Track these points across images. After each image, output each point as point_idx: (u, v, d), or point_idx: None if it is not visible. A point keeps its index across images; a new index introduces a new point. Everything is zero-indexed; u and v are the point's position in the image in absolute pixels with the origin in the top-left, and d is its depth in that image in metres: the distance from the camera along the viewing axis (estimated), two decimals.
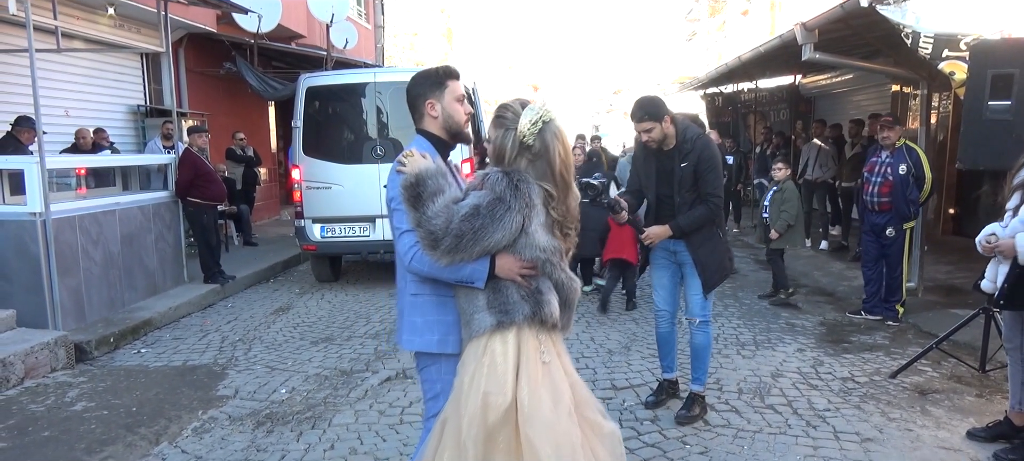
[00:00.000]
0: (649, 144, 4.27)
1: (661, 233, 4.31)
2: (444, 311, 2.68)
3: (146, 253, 7.55)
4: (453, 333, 2.68)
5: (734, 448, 4.12)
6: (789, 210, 7.49)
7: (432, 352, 2.71)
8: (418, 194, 2.48)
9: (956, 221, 10.74)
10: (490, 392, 2.46)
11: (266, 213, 15.09)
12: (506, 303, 2.53)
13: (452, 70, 2.83)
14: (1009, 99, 4.71)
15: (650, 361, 5.64)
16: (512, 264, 2.53)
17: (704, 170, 4.21)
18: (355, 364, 5.67)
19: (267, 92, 13.10)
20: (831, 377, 5.24)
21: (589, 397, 2.72)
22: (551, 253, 2.57)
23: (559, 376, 2.59)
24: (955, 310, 6.76)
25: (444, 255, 2.46)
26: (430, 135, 2.80)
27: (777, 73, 14.09)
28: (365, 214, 8.38)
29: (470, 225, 2.42)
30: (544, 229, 2.55)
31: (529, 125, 2.52)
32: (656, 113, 4.19)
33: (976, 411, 4.57)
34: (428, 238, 2.46)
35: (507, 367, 2.50)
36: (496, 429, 2.46)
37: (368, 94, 8.60)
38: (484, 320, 2.54)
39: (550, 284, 2.60)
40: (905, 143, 6.62)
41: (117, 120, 10.97)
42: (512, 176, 2.49)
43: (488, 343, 2.53)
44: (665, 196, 4.36)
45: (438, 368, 2.73)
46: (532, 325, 2.55)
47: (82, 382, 5.29)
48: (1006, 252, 3.74)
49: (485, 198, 2.46)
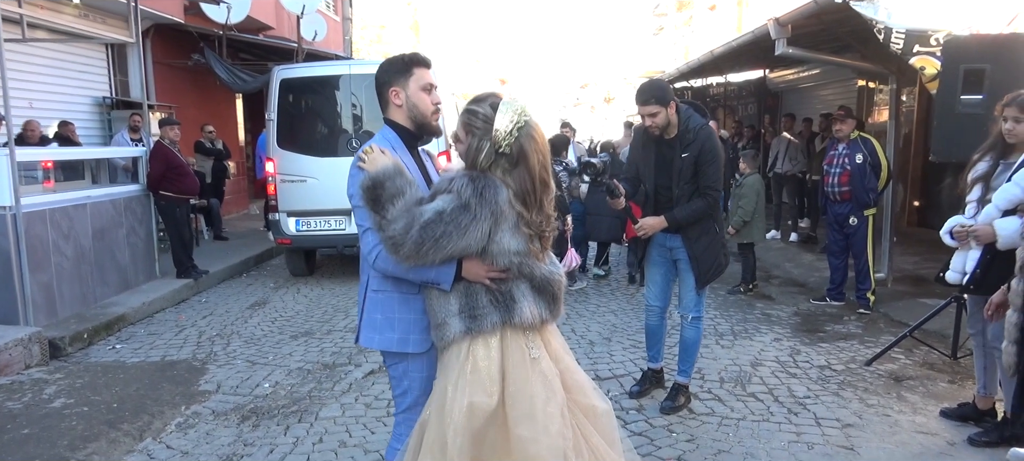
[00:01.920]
0: (652, 130, 4.19)
1: (656, 224, 4.26)
2: (406, 309, 2.60)
3: (118, 248, 7.42)
4: (414, 332, 2.60)
5: (719, 435, 4.19)
6: (745, 206, 7.55)
7: (392, 350, 2.64)
8: (376, 197, 2.37)
9: (920, 213, 11.00)
10: (475, 401, 2.39)
11: (235, 207, 14.88)
12: (475, 308, 2.45)
13: (420, 57, 2.70)
14: (981, 93, 4.83)
15: (631, 352, 5.70)
16: (479, 269, 2.45)
17: (705, 162, 4.15)
18: (337, 358, 5.65)
19: (236, 84, 12.91)
20: (809, 365, 5.35)
21: (582, 381, 2.68)
22: (524, 255, 2.48)
23: (549, 369, 2.52)
24: (923, 300, 6.93)
25: (405, 260, 2.37)
26: (396, 125, 2.68)
27: (746, 68, 14.27)
28: (341, 207, 8.31)
29: (431, 233, 2.32)
30: (514, 232, 2.45)
31: (504, 133, 2.38)
32: (663, 97, 4.13)
33: (949, 397, 4.70)
34: (388, 242, 2.37)
35: (491, 371, 2.44)
36: (482, 431, 2.40)
37: (342, 86, 8.54)
38: (455, 326, 2.46)
39: (526, 286, 2.50)
40: (860, 134, 6.82)
41: (83, 112, 10.72)
42: (477, 182, 2.38)
43: (470, 347, 2.45)
44: (663, 186, 4.30)
45: (405, 366, 2.67)
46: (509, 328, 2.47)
47: (59, 379, 5.18)
48: (983, 237, 3.83)
49: (449, 203, 2.35)
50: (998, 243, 3.71)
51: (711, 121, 5.02)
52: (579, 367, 2.75)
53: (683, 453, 3.97)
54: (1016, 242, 3.66)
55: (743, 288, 7.70)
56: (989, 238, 3.76)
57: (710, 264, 4.33)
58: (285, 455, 4.01)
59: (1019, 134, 3.86)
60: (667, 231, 4.34)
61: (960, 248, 4.04)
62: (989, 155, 4.00)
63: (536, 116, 2.52)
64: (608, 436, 2.68)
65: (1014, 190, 3.67)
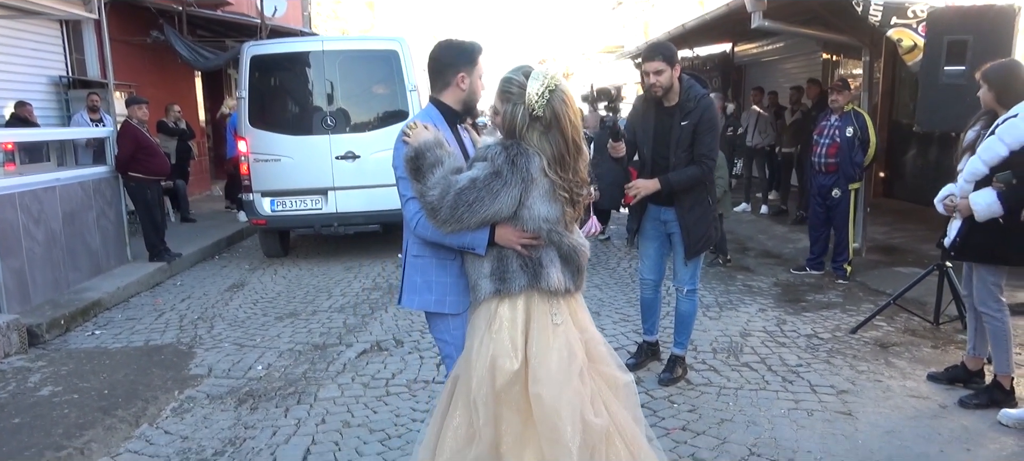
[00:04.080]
0: (654, 89, 4.14)
1: (649, 186, 4.20)
2: (443, 273, 2.76)
3: (88, 231, 7.20)
4: (451, 294, 2.77)
5: (720, 405, 4.25)
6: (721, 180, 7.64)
7: (430, 311, 2.82)
8: (418, 166, 2.54)
9: (886, 184, 11.24)
10: (498, 356, 2.53)
11: (197, 189, 14.55)
12: (505, 272, 2.60)
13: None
14: (963, 65, 4.94)
15: (622, 325, 5.75)
16: (511, 234, 2.58)
17: (703, 131, 4.13)
18: (327, 338, 5.58)
19: (198, 61, 12.63)
20: (796, 334, 5.45)
21: (606, 352, 2.78)
22: (554, 222, 2.61)
23: (573, 336, 2.64)
24: (898, 268, 7.12)
25: (442, 224, 2.53)
26: (443, 105, 2.85)
27: (714, 41, 14.37)
28: (317, 186, 8.20)
29: (466, 198, 2.47)
30: (545, 199, 2.57)
31: (536, 96, 2.50)
32: (670, 56, 4.12)
33: (934, 361, 4.84)
34: (427, 207, 2.54)
35: (516, 331, 2.57)
36: (505, 390, 2.52)
37: (315, 63, 8.38)
38: (486, 287, 2.61)
39: (554, 254, 2.63)
40: (853, 108, 6.90)
41: (38, 92, 10.32)
42: (510, 150, 2.51)
43: (497, 308, 2.59)
44: (660, 155, 4.27)
45: (446, 326, 2.83)
46: (536, 292, 2.60)
47: (42, 366, 5.03)
48: (963, 211, 3.98)
49: (483, 171, 2.50)
50: (975, 216, 3.85)
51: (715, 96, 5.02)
52: (603, 339, 2.81)
53: (687, 423, 4.03)
54: (994, 212, 3.79)
55: (722, 260, 7.79)
56: (967, 211, 3.90)
57: (701, 235, 4.34)
58: (289, 436, 3.96)
59: (984, 100, 3.99)
60: (660, 200, 4.32)
61: (953, 216, 4.15)
62: (979, 123, 4.10)
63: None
64: (630, 407, 2.78)
65: (996, 144, 3.77)
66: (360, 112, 8.42)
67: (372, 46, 9.02)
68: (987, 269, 4.07)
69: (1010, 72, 3.94)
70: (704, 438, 3.84)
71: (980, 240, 3.97)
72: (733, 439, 3.82)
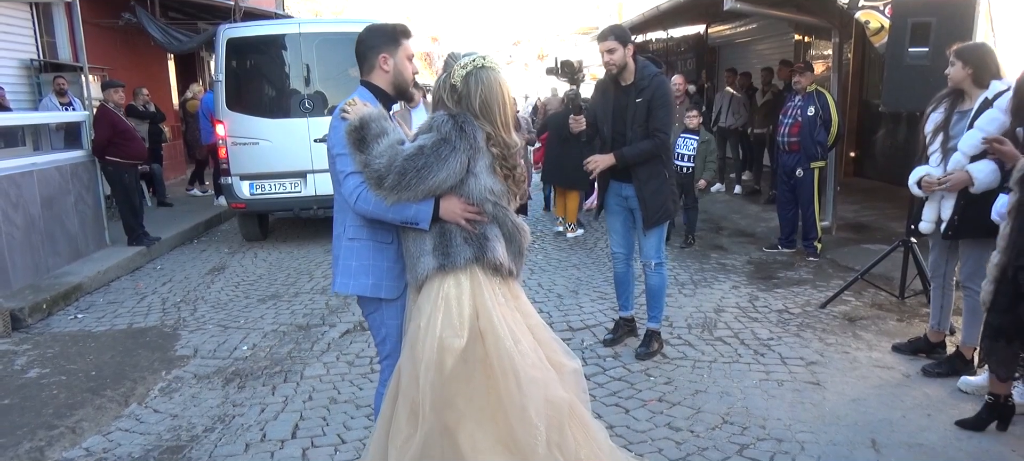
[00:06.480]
0: (609, 67, 4.38)
1: (605, 161, 4.43)
2: (380, 257, 2.75)
3: (66, 216, 7.19)
4: (387, 279, 2.77)
5: (695, 377, 4.41)
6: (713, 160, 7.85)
7: (366, 296, 2.79)
8: (362, 137, 2.53)
9: (856, 163, 11.49)
10: (446, 336, 2.52)
11: (172, 173, 14.44)
12: (449, 247, 2.59)
13: (407, 29, 2.88)
14: (926, 46, 5.09)
15: (599, 303, 5.89)
16: (456, 206, 2.59)
17: (656, 106, 4.34)
18: (310, 319, 5.66)
19: (172, 44, 12.53)
20: (768, 310, 5.63)
21: (550, 339, 2.79)
22: (499, 196, 2.65)
23: (515, 321, 2.65)
24: (866, 245, 7.33)
25: (389, 192, 2.51)
26: (375, 88, 2.84)
27: (687, 23, 14.51)
28: (296, 169, 8.22)
29: (413, 163, 2.49)
30: (489, 171, 2.62)
31: (459, 68, 2.60)
32: (623, 36, 4.37)
33: (900, 333, 5.03)
34: (373, 176, 2.52)
35: (462, 307, 2.56)
36: (455, 370, 2.50)
37: (291, 46, 8.37)
38: (428, 263, 2.60)
39: (498, 231, 2.66)
40: (816, 88, 7.09)
41: (9, 76, 10.23)
42: (458, 118, 2.55)
43: (441, 287, 2.58)
44: (619, 132, 4.48)
45: (380, 313, 2.84)
46: (480, 268, 2.61)
47: (27, 349, 5.06)
48: (957, 183, 3.99)
49: (430, 138, 2.53)
50: (974, 187, 3.91)
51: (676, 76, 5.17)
52: (547, 326, 2.85)
53: (663, 394, 4.17)
54: (992, 183, 3.86)
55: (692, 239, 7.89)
56: (963, 183, 3.95)
57: (659, 207, 4.50)
58: (277, 413, 4.05)
59: (954, 78, 4.13)
60: (617, 174, 4.53)
61: (930, 199, 4.25)
62: (943, 105, 4.23)
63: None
64: (577, 392, 2.80)
65: (978, 135, 3.89)
66: (337, 95, 8.43)
67: (348, 29, 8.98)
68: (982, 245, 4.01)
69: (986, 51, 4.14)
70: (680, 408, 3.99)
71: (975, 215, 3.98)
72: (707, 408, 3.98)
